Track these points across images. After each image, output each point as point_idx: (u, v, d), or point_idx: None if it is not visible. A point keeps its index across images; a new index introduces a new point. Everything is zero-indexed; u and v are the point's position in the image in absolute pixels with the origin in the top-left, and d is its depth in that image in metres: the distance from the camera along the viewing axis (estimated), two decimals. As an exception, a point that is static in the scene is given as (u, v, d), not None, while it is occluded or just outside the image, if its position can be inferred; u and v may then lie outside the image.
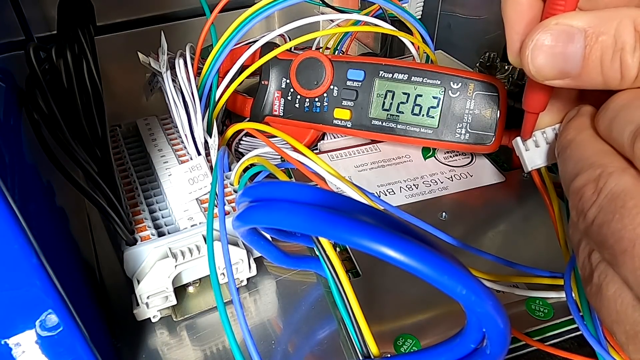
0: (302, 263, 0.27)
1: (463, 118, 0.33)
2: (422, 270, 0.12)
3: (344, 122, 0.35)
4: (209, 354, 0.25)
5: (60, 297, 0.17)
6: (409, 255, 0.12)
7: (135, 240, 0.25)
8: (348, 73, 0.35)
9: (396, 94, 0.34)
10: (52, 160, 0.21)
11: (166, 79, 0.31)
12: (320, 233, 0.14)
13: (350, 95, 0.35)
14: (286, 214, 0.14)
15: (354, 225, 0.13)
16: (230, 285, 0.21)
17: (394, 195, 0.34)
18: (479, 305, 0.13)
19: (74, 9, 0.33)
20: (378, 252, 0.12)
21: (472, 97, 0.33)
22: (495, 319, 0.13)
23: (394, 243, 0.12)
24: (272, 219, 0.15)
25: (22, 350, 0.17)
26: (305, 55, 0.35)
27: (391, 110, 0.34)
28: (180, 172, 0.28)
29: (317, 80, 0.35)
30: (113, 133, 0.34)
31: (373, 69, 0.34)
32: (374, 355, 0.20)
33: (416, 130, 0.34)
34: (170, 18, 0.51)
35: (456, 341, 0.16)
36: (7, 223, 0.15)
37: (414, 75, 0.33)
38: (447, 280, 0.13)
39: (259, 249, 0.24)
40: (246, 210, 0.15)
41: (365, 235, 0.13)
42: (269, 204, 0.15)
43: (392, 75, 0.34)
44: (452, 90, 0.33)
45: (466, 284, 0.13)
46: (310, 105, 0.35)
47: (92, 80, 0.27)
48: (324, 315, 0.26)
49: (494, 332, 0.13)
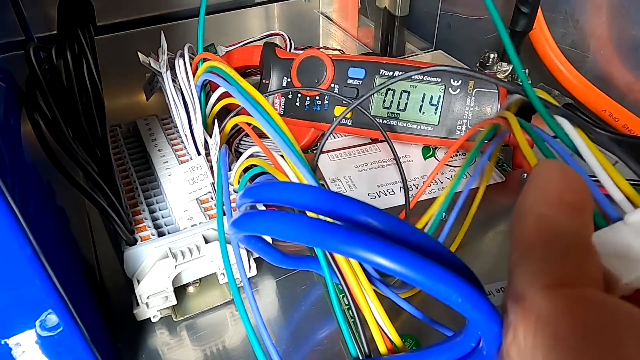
0: (302, 263, 0.27)
1: (463, 115, 0.33)
2: (417, 279, 0.12)
3: (344, 120, 0.35)
4: (209, 354, 0.25)
5: (60, 297, 0.17)
6: (404, 265, 0.12)
7: (135, 240, 0.25)
8: (349, 71, 0.35)
9: (396, 91, 0.34)
10: (52, 160, 0.21)
11: (166, 79, 0.31)
12: (315, 244, 0.14)
13: (351, 94, 0.35)
14: (282, 225, 0.14)
15: (350, 236, 0.13)
16: (243, 280, 0.22)
17: (394, 195, 0.33)
18: (475, 313, 0.13)
19: (74, 9, 0.33)
20: (375, 263, 0.13)
21: (472, 94, 0.33)
22: (492, 325, 0.13)
23: (390, 253, 0.12)
24: (268, 229, 0.15)
25: (22, 350, 0.17)
26: (306, 54, 0.35)
27: (391, 108, 0.34)
28: (180, 172, 0.28)
29: (318, 79, 0.35)
30: (113, 133, 0.34)
31: (374, 67, 0.34)
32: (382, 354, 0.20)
33: (417, 127, 0.34)
34: (170, 18, 0.51)
35: (457, 340, 0.16)
36: (7, 223, 0.15)
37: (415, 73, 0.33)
38: (442, 288, 0.13)
39: (258, 251, 0.24)
40: (242, 217, 0.15)
41: (360, 246, 0.13)
42: (265, 213, 0.15)
43: (393, 73, 0.34)
44: (452, 88, 0.33)
45: (462, 292, 0.13)
46: (311, 103, 0.35)
47: (92, 80, 0.27)
48: (324, 315, 0.26)
49: (490, 336, 0.13)
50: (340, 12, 0.59)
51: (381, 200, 0.33)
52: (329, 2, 0.59)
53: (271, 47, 0.36)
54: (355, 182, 0.35)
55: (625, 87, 0.38)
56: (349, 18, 0.58)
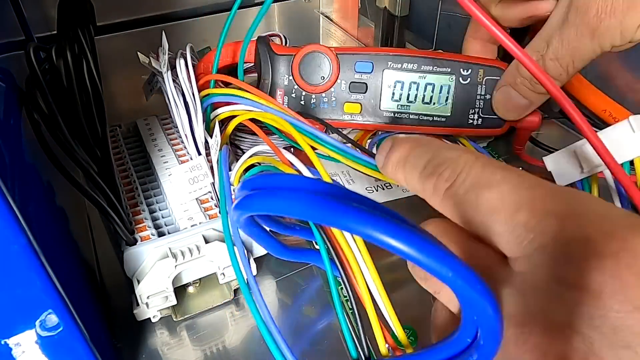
0: (302, 256, 0.27)
1: (475, 104, 0.33)
2: (410, 253, 0.12)
3: (354, 116, 0.35)
4: (209, 354, 0.25)
5: (60, 297, 0.17)
6: (397, 238, 0.12)
7: (135, 240, 0.25)
8: (356, 66, 0.34)
9: (405, 83, 0.33)
10: (52, 160, 0.21)
11: (167, 79, 0.31)
12: (314, 218, 0.14)
13: (360, 89, 0.34)
14: (284, 200, 0.14)
15: (347, 210, 0.13)
16: (248, 275, 0.22)
17: (391, 189, 0.34)
18: (467, 290, 0.13)
19: (74, 9, 0.33)
20: (368, 235, 0.12)
21: (483, 82, 0.33)
22: (485, 304, 0.13)
23: (384, 227, 0.12)
24: (270, 205, 0.15)
25: (22, 350, 0.17)
26: (307, 49, 0.33)
27: (401, 101, 0.34)
28: (180, 172, 0.28)
29: (322, 75, 0.34)
30: (113, 133, 0.34)
31: (381, 60, 0.33)
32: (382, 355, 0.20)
33: (429, 119, 0.34)
34: (170, 18, 0.51)
35: (453, 338, 0.16)
36: (7, 223, 0.15)
37: (424, 64, 0.33)
38: (433, 263, 0.12)
39: (259, 241, 0.24)
40: (245, 198, 0.15)
41: (356, 219, 0.13)
42: (268, 192, 0.15)
43: (401, 65, 0.33)
44: (462, 77, 0.33)
45: (453, 267, 0.12)
46: (317, 101, 0.35)
47: (92, 80, 0.27)
48: (324, 315, 0.26)
49: (485, 319, 0.13)
50: (340, 12, 0.59)
51: (378, 195, 0.34)
52: (329, 2, 0.59)
53: (265, 43, 0.35)
54: (353, 177, 0.35)
55: (625, 87, 0.38)
56: (349, 18, 0.58)
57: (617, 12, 0.23)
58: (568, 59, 0.26)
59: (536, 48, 0.27)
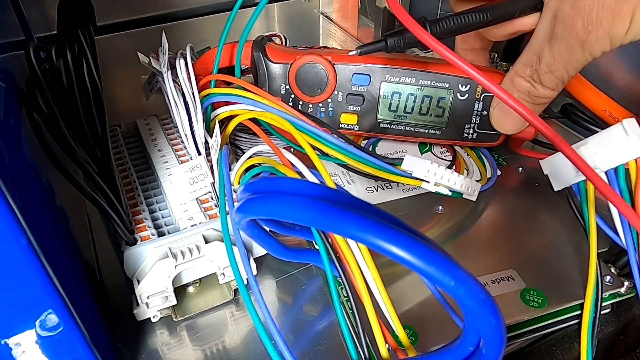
0: (302, 256, 0.27)
1: (471, 119, 0.33)
2: (411, 261, 0.12)
3: (350, 125, 0.35)
4: (209, 354, 0.25)
5: (60, 297, 0.17)
6: (399, 246, 0.12)
7: (135, 240, 0.25)
8: (353, 78, 0.33)
9: (403, 95, 0.33)
10: (52, 160, 0.21)
11: (167, 79, 0.31)
12: (317, 224, 0.14)
13: (357, 101, 0.34)
14: (287, 206, 0.14)
15: (350, 218, 0.13)
16: (249, 275, 0.22)
17: (391, 189, 0.34)
18: (469, 299, 0.13)
19: (74, 9, 0.33)
20: (369, 242, 0.13)
21: (480, 99, 0.33)
22: (487, 314, 0.13)
23: (385, 234, 0.12)
24: (272, 210, 0.15)
25: (22, 350, 0.17)
26: (303, 61, 0.33)
27: (398, 111, 0.34)
28: (180, 172, 0.28)
29: (319, 87, 0.33)
30: (113, 133, 0.34)
31: (379, 73, 0.33)
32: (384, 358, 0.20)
33: (424, 131, 0.34)
34: (170, 18, 0.51)
35: (454, 345, 0.16)
36: (7, 223, 0.15)
37: (422, 78, 0.33)
38: (435, 271, 0.12)
39: (259, 242, 0.24)
40: (247, 201, 0.16)
41: (358, 227, 0.13)
42: (270, 196, 0.15)
43: (399, 79, 0.33)
44: (460, 93, 0.33)
45: (455, 275, 0.12)
46: (314, 110, 0.35)
47: (92, 80, 0.27)
48: (324, 315, 0.26)
49: (487, 328, 0.13)
50: (340, 12, 0.59)
51: (378, 195, 0.34)
52: (329, 2, 0.59)
53: (261, 49, 0.34)
54: (353, 177, 0.35)
55: (625, 87, 0.38)
56: (349, 18, 0.58)
57: (603, 22, 0.23)
58: (562, 70, 0.27)
59: (528, 62, 0.28)
